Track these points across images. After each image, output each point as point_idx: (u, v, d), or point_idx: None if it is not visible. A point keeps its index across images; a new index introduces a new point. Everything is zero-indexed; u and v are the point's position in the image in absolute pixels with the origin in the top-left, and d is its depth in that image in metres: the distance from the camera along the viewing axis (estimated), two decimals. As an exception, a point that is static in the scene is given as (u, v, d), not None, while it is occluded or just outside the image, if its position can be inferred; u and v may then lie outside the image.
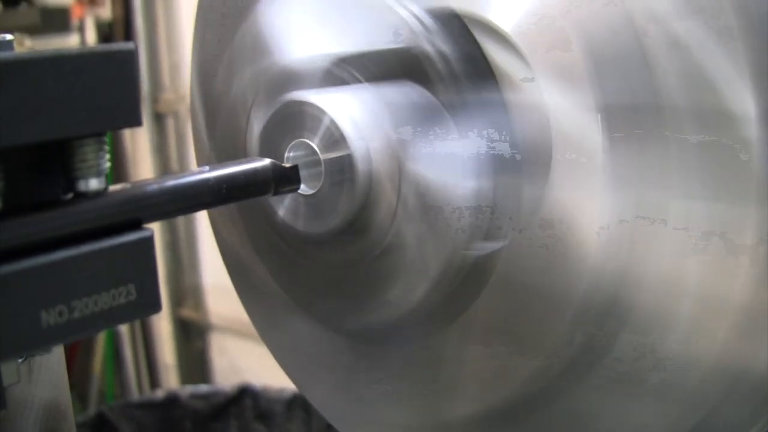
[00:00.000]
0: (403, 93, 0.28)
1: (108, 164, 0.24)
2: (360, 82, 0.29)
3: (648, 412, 0.29)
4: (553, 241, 0.28)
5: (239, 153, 0.33)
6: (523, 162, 0.28)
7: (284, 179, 0.27)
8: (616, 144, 0.26)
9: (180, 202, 0.26)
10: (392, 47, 0.29)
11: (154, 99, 1.66)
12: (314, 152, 0.28)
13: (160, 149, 1.68)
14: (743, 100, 0.25)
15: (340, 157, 0.28)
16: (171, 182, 0.26)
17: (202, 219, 1.67)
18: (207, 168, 0.26)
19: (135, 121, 0.24)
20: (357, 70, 0.29)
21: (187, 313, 1.69)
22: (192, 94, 0.38)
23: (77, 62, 0.23)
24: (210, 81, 0.36)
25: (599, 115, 0.26)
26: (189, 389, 1.34)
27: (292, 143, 0.29)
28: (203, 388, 1.36)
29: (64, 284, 0.23)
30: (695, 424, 0.28)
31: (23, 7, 1.33)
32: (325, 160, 0.28)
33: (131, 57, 0.24)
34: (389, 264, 0.30)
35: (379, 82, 0.29)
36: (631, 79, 0.26)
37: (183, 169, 1.66)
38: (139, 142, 1.67)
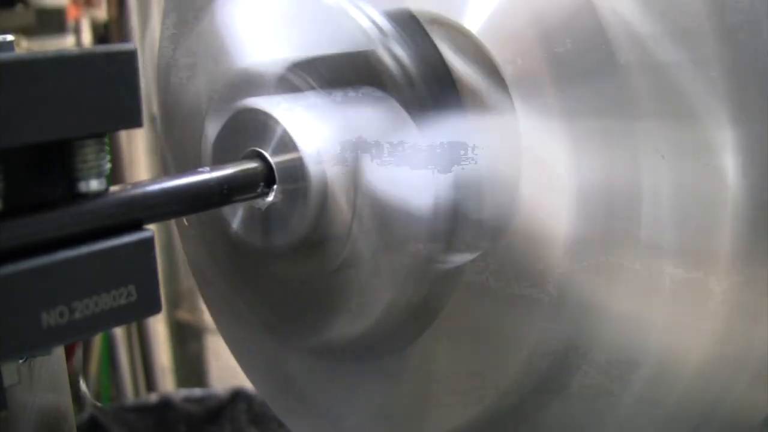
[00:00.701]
0: (359, 100, 0.27)
1: (109, 165, 0.24)
2: (314, 88, 0.28)
3: None
4: (520, 252, 0.27)
5: (196, 160, 0.32)
6: (485, 175, 0.27)
7: (285, 180, 0.27)
8: (586, 155, 0.26)
9: (181, 203, 0.26)
10: (346, 52, 0.28)
11: (150, 101, 1.65)
12: (264, 161, 0.27)
13: (157, 151, 1.67)
14: (719, 128, 0.24)
15: (293, 169, 0.27)
16: (172, 183, 0.26)
17: (198, 221, 1.66)
18: (208, 169, 0.26)
19: (136, 122, 0.25)
20: (311, 76, 0.28)
21: (183, 315, 1.68)
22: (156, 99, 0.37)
23: (78, 63, 0.23)
24: (166, 85, 0.35)
25: (569, 123, 0.26)
26: (182, 393, 1.34)
27: (245, 153, 0.28)
28: (197, 391, 1.35)
29: (65, 285, 0.23)
30: None
31: (19, 8, 1.33)
32: (279, 172, 0.27)
33: (132, 58, 0.24)
34: (346, 279, 0.29)
35: (335, 88, 0.28)
36: (601, 91, 0.25)
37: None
38: (135, 144, 1.67)
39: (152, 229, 0.25)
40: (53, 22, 1.37)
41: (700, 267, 0.26)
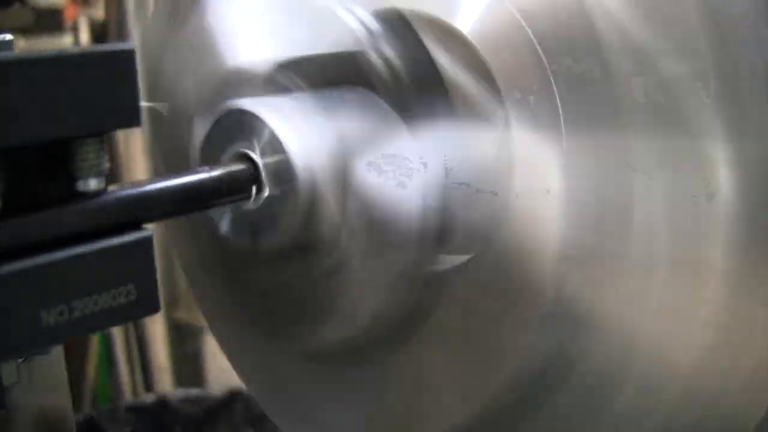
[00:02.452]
0: (348, 101, 0.27)
1: (108, 164, 0.24)
2: (302, 89, 0.28)
3: None
4: (510, 260, 0.27)
5: (185, 161, 0.31)
6: (474, 180, 0.26)
7: (284, 179, 0.27)
8: (577, 164, 0.26)
9: (181, 203, 0.26)
10: (334, 53, 0.27)
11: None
12: (252, 162, 0.27)
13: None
14: (713, 143, 0.24)
15: (281, 171, 0.26)
16: (172, 182, 0.26)
17: (195, 220, 1.66)
18: (208, 168, 0.26)
19: (135, 121, 0.25)
20: (300, 76, 0.28)
21: (181, 315, 1.68)
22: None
23: (77, 62, 0.23)
24: (154, 88, 0.34)
25: (561, 131, 0.26)
26: (179, 393, 1.33)
27: (233, 155, 0.27)
28: (194, 392, 1.35)
29: (64, 284, 0.23)
30: None
31: (16, 8, 1.33)
32: (267, 174, 0.26)
33: (131, 57, 0.24)
34: (338, 282, 0.28)
35: (323, 89, 0.28)
36: (594, 99, 0.25)
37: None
38: (133, 143, 1.66)
39: (151, 228, 0.25)
40: (51, 21, 1.37)
41: (693, 277, 0.26)
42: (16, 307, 0.21)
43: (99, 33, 1.54)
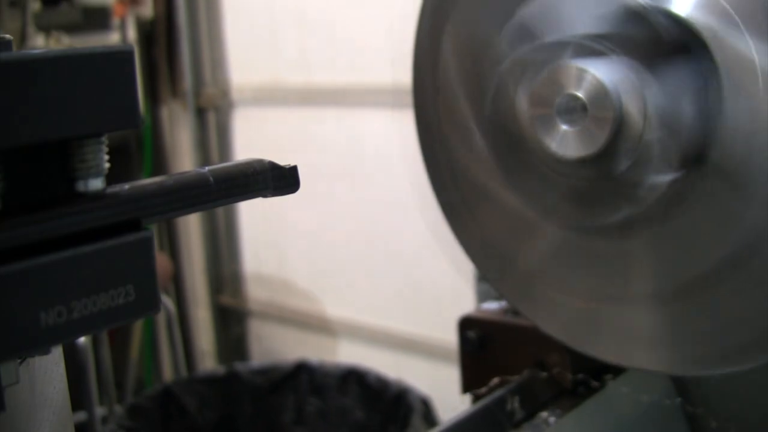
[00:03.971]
0: (641, 58, 0.40)
1: (107, 165, 0.24)
2: (613, 52, 0.40)
3: None
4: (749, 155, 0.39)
5: (507, 118, 0.44)
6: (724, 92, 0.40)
7: (282, 179, 0.27)
8: None
9: (179, 203, 0.26)
10: (637, 29, 0.41)
11: (196, 94, 1.69)
12: (579, 99, 0.39)
13: (202, 143, 1.72)
14: None
15: (600, 99, 0.39)
16: (170, 183, 0.25)
17: (242, 208, 1.70)
18: (206, 168, 0.26)
19: (134, 122, 0.24)
20: (611, 44, 0.41)
21: (226, 299, 1.73)
22: (448, 86, 0.51)
23: (77, 62, 0.23)
24: (477, 69, 0.49)
25: None
26: (248, 365, 1.41)
27: (561, 94, 0.40)
28: (263, 363, 1.41)
29: (63, 285, 0.23)
30: None
31: (64, 6, 1.38)
32: (589, 104, 0.39)
33: (130, 58, 0.24)
34: (633, 175, 0.40)
35: (627, 53, 0.40)
36: None
37: (224, 162, 1.68)
38: (180, 136, 1.71)
39: (152, 228, 0.25)
40: (99, 19, 1.42)
41: None
42: (15, 308, 0.22)
43: (148, 31, 1.58)
